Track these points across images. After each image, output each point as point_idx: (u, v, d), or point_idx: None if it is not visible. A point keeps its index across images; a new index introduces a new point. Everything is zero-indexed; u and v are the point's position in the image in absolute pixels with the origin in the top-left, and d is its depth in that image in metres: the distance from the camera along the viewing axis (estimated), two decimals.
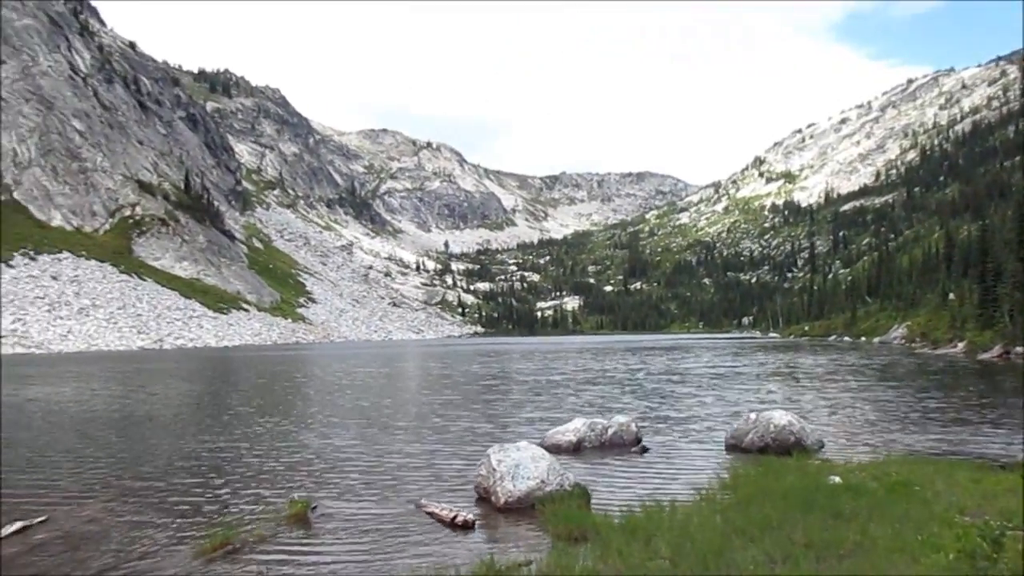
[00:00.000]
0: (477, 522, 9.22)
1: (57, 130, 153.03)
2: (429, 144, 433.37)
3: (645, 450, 14.11)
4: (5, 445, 16.57)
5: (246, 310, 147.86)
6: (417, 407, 23.69)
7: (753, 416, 14.44)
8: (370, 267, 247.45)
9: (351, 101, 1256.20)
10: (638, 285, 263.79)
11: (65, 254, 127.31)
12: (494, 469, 10.24)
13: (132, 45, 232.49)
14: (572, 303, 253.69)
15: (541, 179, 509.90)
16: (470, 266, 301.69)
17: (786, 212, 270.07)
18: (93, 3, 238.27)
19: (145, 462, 14.06)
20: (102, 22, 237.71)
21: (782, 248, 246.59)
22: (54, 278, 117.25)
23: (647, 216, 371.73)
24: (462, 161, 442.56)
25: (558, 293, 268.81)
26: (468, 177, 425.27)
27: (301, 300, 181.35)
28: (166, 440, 17.16)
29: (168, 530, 9.31)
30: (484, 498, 10.33)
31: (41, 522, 9.57)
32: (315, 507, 9.99)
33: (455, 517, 9.15)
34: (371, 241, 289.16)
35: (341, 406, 24.08)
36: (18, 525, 9.29)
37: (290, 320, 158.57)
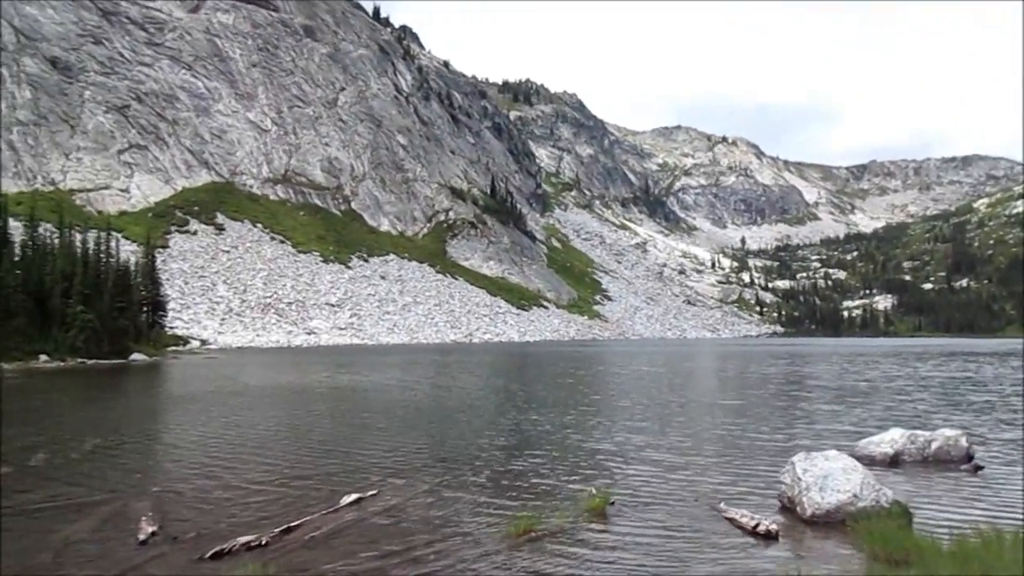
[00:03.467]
0: (780, 533, 8.76)
1: (385, 145, 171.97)
2: (724, 139, 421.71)
3: (979, 468, 12.48)
4: (346, 423, 19.01)
5: (546, 307, 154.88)
6: (714, 408, 23.16)
7: None
8: (664, 265, 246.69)
9: (646, 99, 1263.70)
10: (964, 283, 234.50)
11: (391, 256, 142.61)
12: (799, 478, 9.68)
13: (446, 64, 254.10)
14: (884, 302, 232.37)
15: (847, 169, 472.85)
16: (768, 263, 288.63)
17: None
18: (414, 29, 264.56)
19: (459, 446, 15.28)
20: (421, 45, 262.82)
21: None
22: (383, 278, 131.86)
23: (975, 205, 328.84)
24: (759, 154, 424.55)
25: (867, 291, 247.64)
26: (766, 170, 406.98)
27: (597, 298, 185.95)
28: (477, 426, 18.53)
29: (478, 511, 10.01)
30: (788, 508, 9.81)
31: (372, 495, 10.77)
32: (613, 502, 10.14)
33: (757, 525, 8.77)
34: (665, 239, 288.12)
35: (637, 403, 24.28)
36: (354, 496, 10.54)
37: (587, 317, 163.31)
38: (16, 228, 60.79)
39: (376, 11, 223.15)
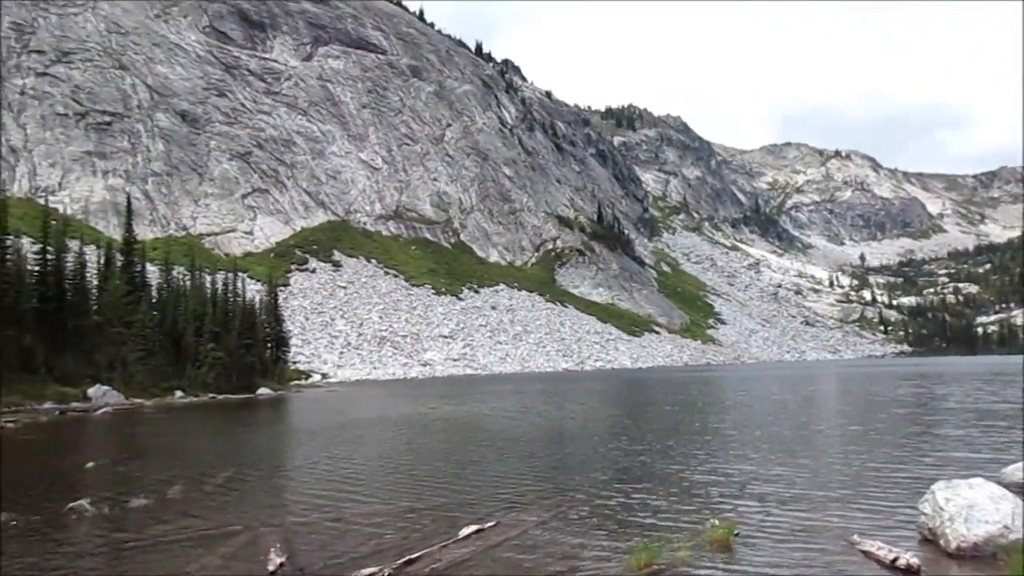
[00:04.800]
0: (923, 568, 8.23)
1: (492, 178, 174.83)
2: (837, 152, 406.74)
3: None
4: (458, 453, 19.19)
5: (657, 332, 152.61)
6: (838, 434, 22.12)
7: None
8: (779, 285, 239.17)
9: (753, 117, 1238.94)
10: None
11: (501, 286, 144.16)
12: (941, 508, 9.08)
13: (548, 94, 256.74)
14: (1023, 317, 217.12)
15: (974, 177, 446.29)
16: (891, 279, 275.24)
17: None
18: (516, 62, 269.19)
19: (575, 474, 15.17)
20: (523, 77, 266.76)
21: None
22: (493, 308, 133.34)
23: None
24: (876, 166, 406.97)
25: (1003, 305, 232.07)
26: (884, 183, 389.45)
27: (710, 321, 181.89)
28: (593, 454, 18.36)
29: (596, 542, 9.87)
30: (929, 540, 9.21)
31: (492, 526, 10.80)
32: (737, 533, 9.80)
33: (896, 559, 8.27)
34: (779, 259, 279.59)
35: (758, 429, 23.49)
36: (474, 527, 10.59)
37: (700, 341, 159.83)
38: (152, 272, 65.11)
39: (479, 47, 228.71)
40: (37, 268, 46.41)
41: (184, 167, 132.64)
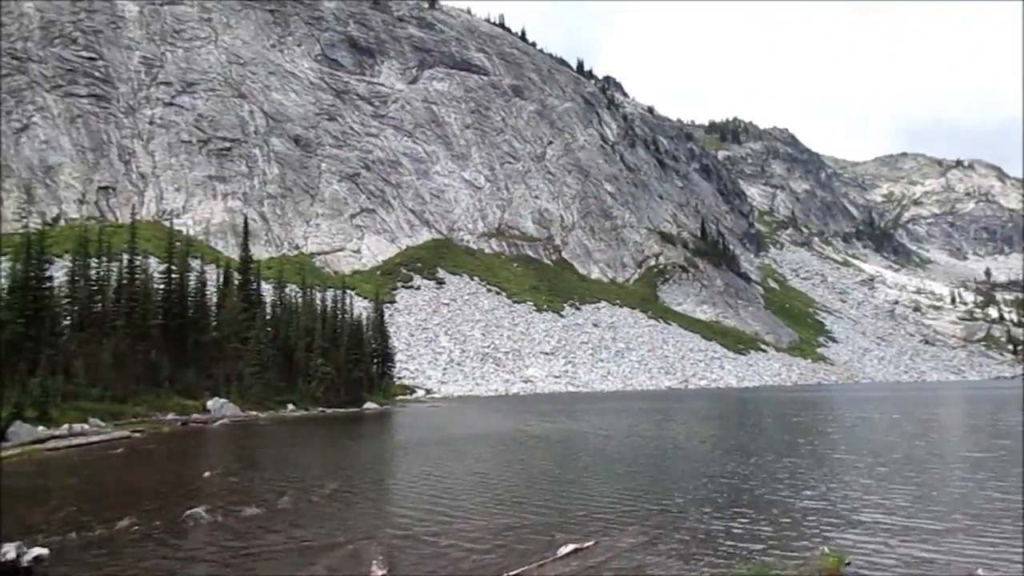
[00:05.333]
0: None
1: (593, 194, 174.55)
2: (959, 162, 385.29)
3: None
4: (556, 472, 19.12)
5: (764, 351, 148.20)
6: (962, 461, 20.89)
7: None
8: (895, 302, 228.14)
9: (864, 128, 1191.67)
10: None
11: (602, 303, 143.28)
12: None
13: (650, 110, 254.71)
14: None
15: None
16: (1021, 296, 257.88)
17: None
18: (617, 79, 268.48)
19: (676, 496, 14.89)
20: (625, 93, 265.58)
21: None
22: (595, 325, 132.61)
23: None
24: (1002, 176, 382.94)
25: None
26: (1011, 193, 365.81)
27: (820, 339, 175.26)
28: (694, 475, 17.97)
29: (697, 566, 9.68)
30: None
31: (590, 546, 10.73)
32: (848, 563, 9.40)
33: None
34: (895, 274, 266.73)
35: (874, 454, 22.45)
36: (572, 547, 10.57)
37: (810, 360, 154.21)
38: (267, 290, 68.04)
39: (580, 65, 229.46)
40: (162, 287, 49.29)
41: (297, 189, 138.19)
